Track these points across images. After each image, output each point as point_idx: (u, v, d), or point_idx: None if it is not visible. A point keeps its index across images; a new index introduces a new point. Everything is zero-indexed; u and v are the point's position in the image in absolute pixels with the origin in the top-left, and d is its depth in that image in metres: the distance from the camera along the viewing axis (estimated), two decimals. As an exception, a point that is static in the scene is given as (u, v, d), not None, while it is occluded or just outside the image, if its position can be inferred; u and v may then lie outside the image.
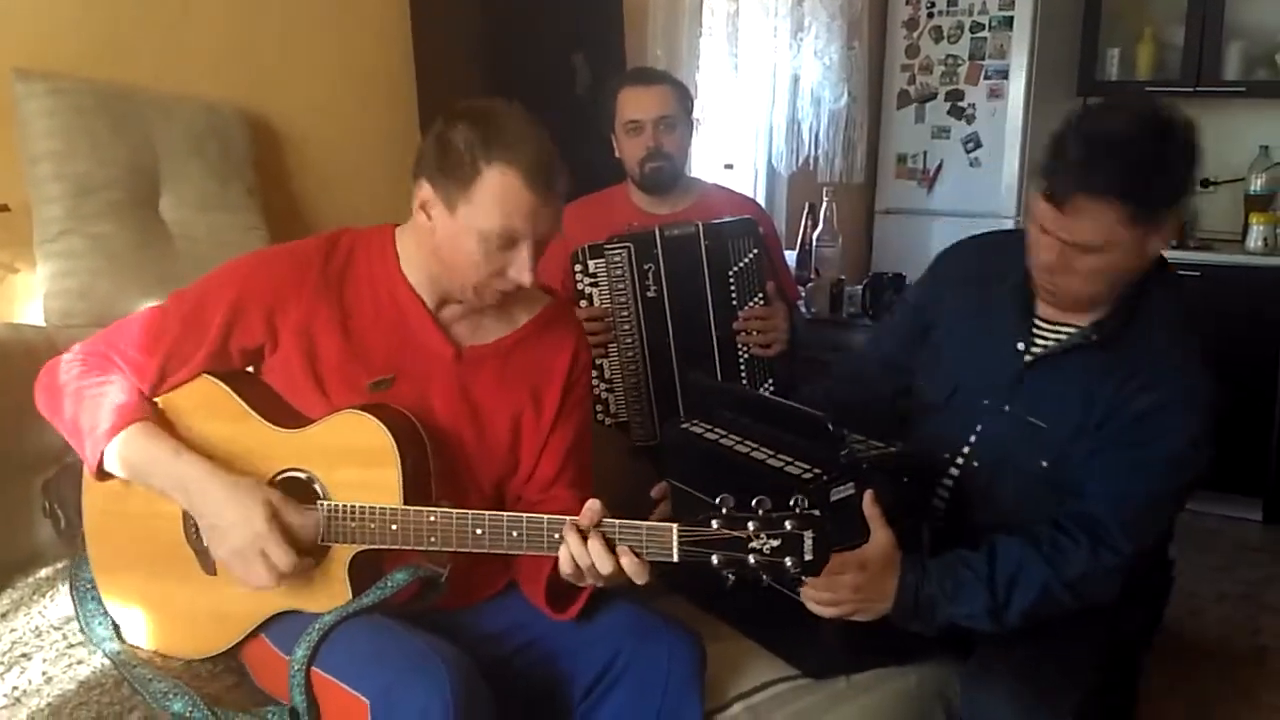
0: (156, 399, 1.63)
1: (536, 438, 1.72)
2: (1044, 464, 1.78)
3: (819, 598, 1.65)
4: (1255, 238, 4.31)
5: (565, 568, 1.47)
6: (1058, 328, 1.82)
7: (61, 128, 2.13)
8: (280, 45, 2.63)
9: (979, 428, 1.87)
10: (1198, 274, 4.29)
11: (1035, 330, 1.84)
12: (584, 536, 1.44)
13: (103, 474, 1.58)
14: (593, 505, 1.46)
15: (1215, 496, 4.07)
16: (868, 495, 1.65)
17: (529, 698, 1.65)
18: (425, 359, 1.66)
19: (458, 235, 1.56)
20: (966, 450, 1.88)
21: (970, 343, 1.91)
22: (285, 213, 2.60)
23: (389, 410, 1.58)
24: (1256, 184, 4.48)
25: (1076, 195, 1.59)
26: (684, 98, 2.74)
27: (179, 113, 2.33)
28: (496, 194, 1.53)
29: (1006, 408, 1.84)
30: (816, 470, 1.66)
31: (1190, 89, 4.55)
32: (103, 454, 1.55)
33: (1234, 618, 3.42)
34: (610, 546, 1.44)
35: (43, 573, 1.81)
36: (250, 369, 1.69)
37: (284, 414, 1.62)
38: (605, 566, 1.43)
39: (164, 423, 1.60)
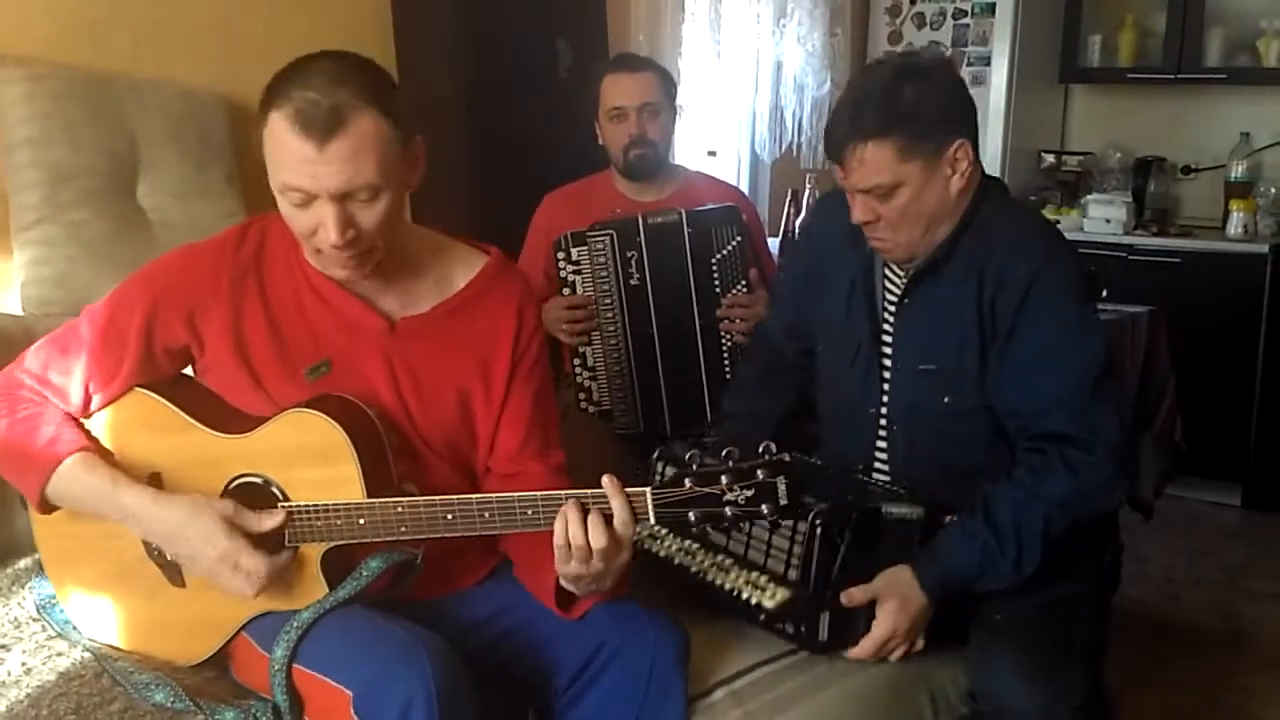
0: (91, 419, 1.58)
1: (489, 410, 1.65)
2: (946, 400, 1.85)
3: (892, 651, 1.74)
4: (1235, 224, 4.32)
5: (559, 563, 1.46)
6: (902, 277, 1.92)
7: (38, 114, 2.11)
8: (259, 29, 2.61)
9: (886, 386, 1.94)
10: (1178, 260, 4.31)
11: (889, 284, 1.93)
12: (584, 513, 1.42)
13: (49, 508, 1.55)
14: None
15: (1194, 481, 4.08)
16: (845, 596, 1.71)
17: (513, 686, 1.64)
18: (356, 337, 1.60)
19: (276, 194, 1.49)
20: (885, 410, 1.94)
21: (849, 301, 1.98)
22: (265, 199, 2.56)
23: (336, 401, 1.53)
24: (1237, 171, 4.49)
25: (849, 147, 1.74)
26: (668, 84, 2.73)
27: (156, 98, 2.31)
28: (274, 144, 1.45)
29: (899, 364, 1.91)
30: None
31: (1171, 75, 4.56)
32: (44, 493, 1.52)
33: (1212, 603, 3.44)
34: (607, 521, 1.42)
35: (20, 564, 1.80)
36: (187, 372, 1.64)
37: (227, 418, 1.57)
38: (600, 540, 1.42)
39: (100, 449, 1.56)
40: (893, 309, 1.93)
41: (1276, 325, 4.17)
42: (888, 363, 1.93)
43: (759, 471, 1.39)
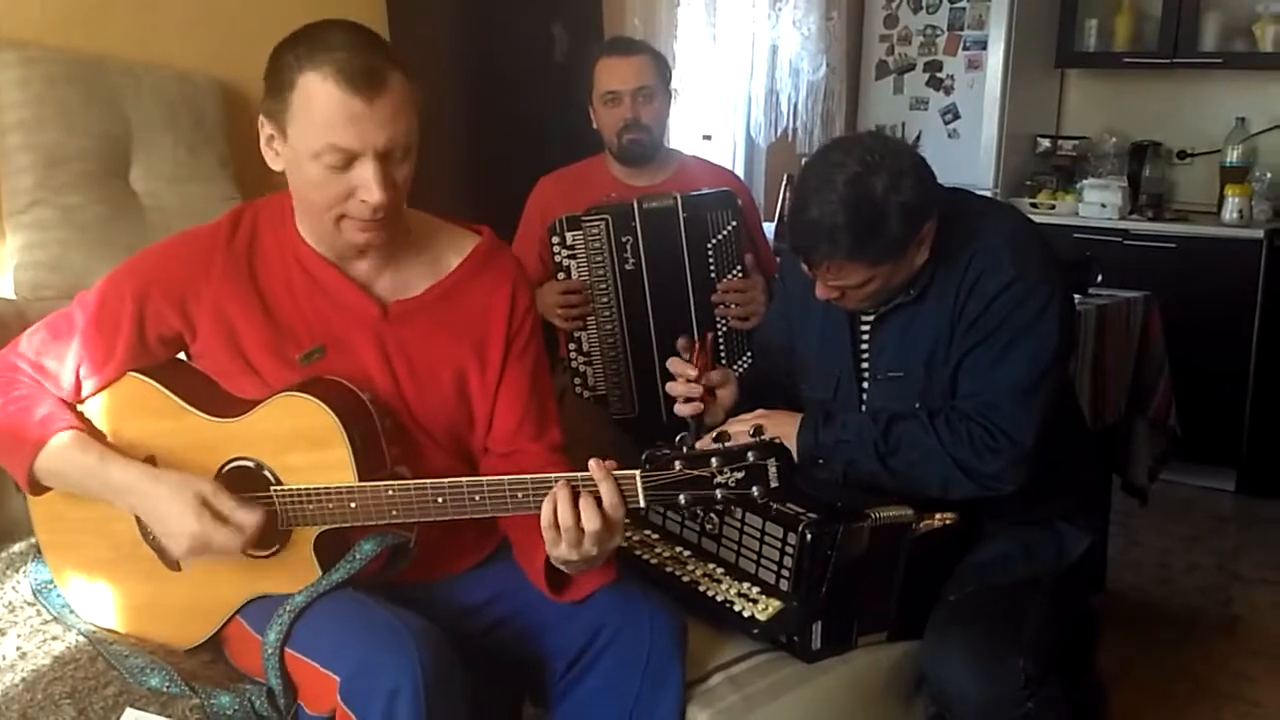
0: (85, 403, 1.58)
1: (485, 391, 1.65)
2: (916, 405, 1.88)
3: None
4: (1231, 209, 4.33)
5: (549, 546, 1.45)
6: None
7: (31, 98, 2.10)
8: (253, 13, 2.59)
9: (864, 398, 1.98)
10: (1173, 245, 4.32)
11: (864, 314, 1.95)
12: (575, 496, 1.42)
13: (38, 488, 1.54)
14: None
15: (1188, 467, 4.09)
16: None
17: (509, 670, 1.65)
18: (350, 322, 1.60)
19: (298, 163, 1.47)
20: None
21: (824, 337, 2.00)
22: (258, 183, 2.56)
23: (328, 385, 1.53)
24: (1232, 156, 4.48)
25: (824, 265, 1.79)
26: (662, 68, 2.72)
27: (150, 82, 2.30)
28: (313, 105, 1.43)
29: (878, 375, 1.95)
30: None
31: (1167, 60, 4.55)
32: (32, 471, 1.51)
33: (1206, 588, 3.45)
34: (596, 502, 1.42)
35: (16, 548, 1.79)
36: (181, 356, 1.64)
37: (220, 403, 1.57)
38: (593, 523, 1.41)
39: (93, 430, 1.55)
40: (867, 329, 1.95)
41: (1271, 310, 4.18)
42: (865, 382, 1.96)
43: (750, 454, 1.39)
